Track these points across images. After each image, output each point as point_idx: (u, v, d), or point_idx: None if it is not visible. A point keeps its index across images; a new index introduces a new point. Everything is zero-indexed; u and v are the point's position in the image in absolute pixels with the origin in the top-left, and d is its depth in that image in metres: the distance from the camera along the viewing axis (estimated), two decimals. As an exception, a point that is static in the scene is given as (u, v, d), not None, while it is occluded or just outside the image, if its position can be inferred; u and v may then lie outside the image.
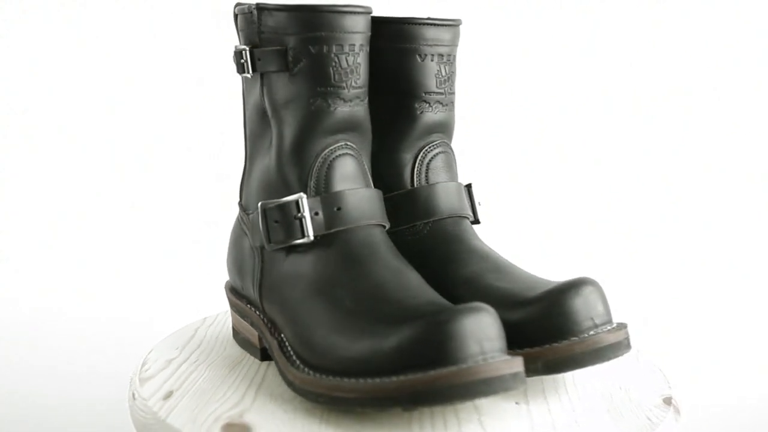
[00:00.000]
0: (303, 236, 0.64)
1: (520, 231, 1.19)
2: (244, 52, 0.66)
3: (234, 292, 0.73)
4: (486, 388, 0.54)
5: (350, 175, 0.66)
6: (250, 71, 0.66)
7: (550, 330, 0.61)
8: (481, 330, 0.55)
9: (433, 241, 0.70)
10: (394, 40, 0.71)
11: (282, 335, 0.64)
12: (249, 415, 0.62)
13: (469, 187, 0.75)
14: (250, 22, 0.66)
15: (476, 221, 0.75)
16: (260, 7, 0.65)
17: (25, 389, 1.09)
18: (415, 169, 0.72)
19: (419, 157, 0.72)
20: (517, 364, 0.55)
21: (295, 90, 0.65)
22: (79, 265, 1.18)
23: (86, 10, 1.16)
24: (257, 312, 0.68)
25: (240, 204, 0.73)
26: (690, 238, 1.23)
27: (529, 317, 0.62)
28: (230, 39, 1.17)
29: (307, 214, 0.64)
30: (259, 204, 0.66)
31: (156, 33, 1.18)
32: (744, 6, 1.21)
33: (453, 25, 0.71)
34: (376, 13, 0.70)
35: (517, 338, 0.61)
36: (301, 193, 0.65)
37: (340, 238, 0.64)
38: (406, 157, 0.72)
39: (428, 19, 0.71)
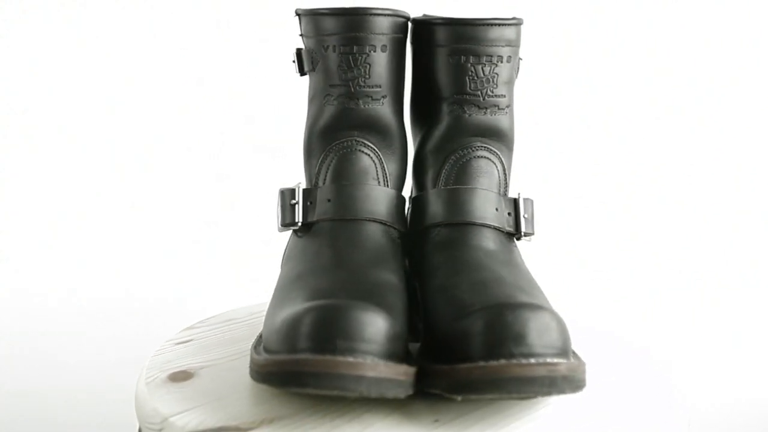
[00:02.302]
0: (294, 221, 0.69)
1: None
2: (294, 54, 0.72)
3: None
4: (316, 381, 0.54)
5: (356, 172, 0.69)
6: (298, 71, 0.73)
7: (463, 349, 0.57)
8: (351, 327, 0.55)
9: (437, 246, 0.68)
10: (426, 42, 0.71)
11: None
12: (206, 370, 0.67)
13: (516, 198, 0.72)
14: None
15: (518, 234, 0.71)
16: (297, 14, 0.72)
17: (24, 389, 1.09)
18: (443, 172, 0.71)
19: (450, 161, 0.71)
20: (372, 369, 0.54)
21: (314, 87, 0.71)
22: (79, 265, 1.18)
23: (86, 10, 1.16)
24: None
25: None
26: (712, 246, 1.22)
27: (457, 333, 0.58)
28: (230, 39, 1.18)
29: (300, 201, 0.69)
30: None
31: (156, 33, 1.17)
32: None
33: (494, 24, 0.69)
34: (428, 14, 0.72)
35: (443, 353, 0.59)
36: (299, 182, 0.71)
37: (326, 228, 0.68)
38: (436, 160, 0.71)
39: (470, 19, 0.69)
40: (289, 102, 0.97)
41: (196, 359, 0.69)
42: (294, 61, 0.72)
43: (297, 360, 0.55)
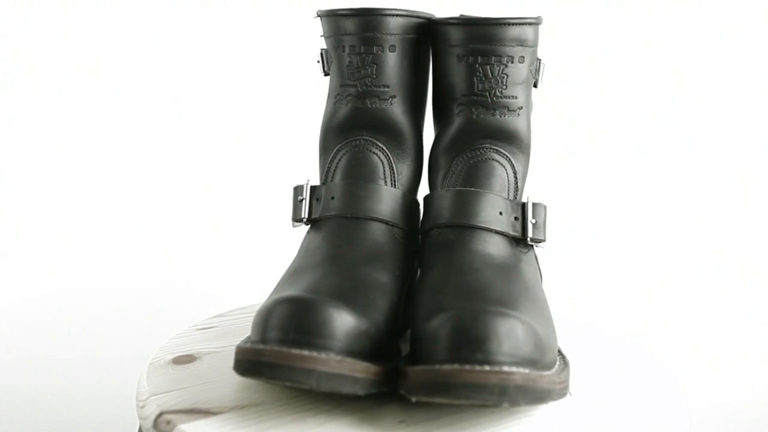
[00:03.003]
0: (302, 218, 0.71)
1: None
2: (319, 55, 0.74)
3: None
4: (269, 372, 0.56)
5: (363, 171, 0.70)
6: (322, 72, 0.74)
7: (427, 351, 0.56)
8: (309, 321, 0.56)
9: (436, 246, 0.68)
10: (440, 42, 0.71)
11: None
12: (211, 355, 0.69)
13: (524, 202, 0.69)
14: None
15: (524, 240, 0.68)
16: (318, 15, 0.73)
17: (24, 389, 1.09)
18: (450, 173, 0.70)
19: (458, 162, 0.70)
20: (324, 364, 0.55)
21: (330, 87, 0.73)
22: (79, 265, 1.18)
23: (86, 9, 1.16)
24: None
25: None
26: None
27: (424, 335, 0.58)
28: (229, 39, 1.18)
29: (307, 198, 0.71)
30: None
31: (156, 33, 1.17)
32: None
33: (504, 24, 0.68)
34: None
35: (415, 354, 0.59)
36: (308, 179, 0.72)
37: (329, 225, 0.69)
38: (446, 160, 0.71)
39: (472, 18, 0.69)
40: (304, 101, 0.97)
41: (206, 345, 0.71)
42: (318, 62, 0.73)
43: (257, 350, 0.56)
